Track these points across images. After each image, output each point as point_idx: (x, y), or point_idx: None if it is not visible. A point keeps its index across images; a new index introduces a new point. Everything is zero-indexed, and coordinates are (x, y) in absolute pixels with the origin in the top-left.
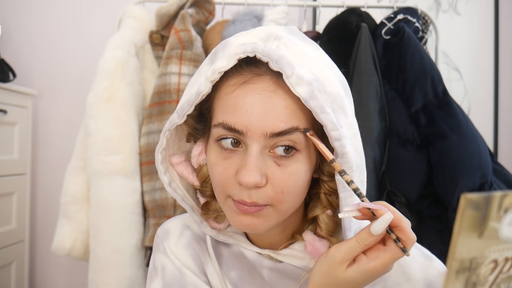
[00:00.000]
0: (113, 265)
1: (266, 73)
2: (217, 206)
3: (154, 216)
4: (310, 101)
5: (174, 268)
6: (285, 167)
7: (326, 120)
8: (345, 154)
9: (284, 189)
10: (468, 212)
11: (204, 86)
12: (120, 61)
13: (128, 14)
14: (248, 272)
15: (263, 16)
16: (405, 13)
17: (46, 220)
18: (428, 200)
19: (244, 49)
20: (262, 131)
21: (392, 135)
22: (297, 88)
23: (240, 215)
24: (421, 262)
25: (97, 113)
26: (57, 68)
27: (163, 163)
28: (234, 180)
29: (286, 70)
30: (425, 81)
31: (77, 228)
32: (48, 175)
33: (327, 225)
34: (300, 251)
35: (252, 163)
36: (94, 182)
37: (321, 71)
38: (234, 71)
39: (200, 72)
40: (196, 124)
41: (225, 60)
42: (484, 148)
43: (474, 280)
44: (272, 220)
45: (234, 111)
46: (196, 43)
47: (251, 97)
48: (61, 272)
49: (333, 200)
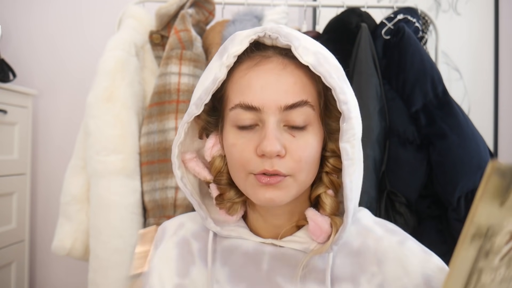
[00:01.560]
0: (113, 265)
1: (274, 55)
2: (231, 195)
3: (154, 216)
4: (318, 67)
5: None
6: (299, 138)
7: (335, 84)
8: (350, 119)
9: (302, 157)
10: (493, 179)
11: (220, 72)
12: (120, 61)
13: (128, 14)
14: (243, 265)
15: (263, 16)
16: (405, 13)
17: (46, 220)
18: (428, 200)
19: (255, 31)
20: (277, 105)
21: (392, 135)
22: (305, 57)
23: (263, 188)
24: (420, 257)
25: (97, 113)
26: (57, 68)
27: (179, 157)
28: (254, 155)
29: (293, 42)
30: (425, 81)
31: (77, 228)
32: (48, 175)
33: (330, 204)
34: (303, 237)
35: (272, 133)
36: (94, 182)
37: (321, 48)
38: (246, 56)
39: (210, 68)
40: (209, 117)
41: (238, 44)
42: (484, 148)
43: (488, 248)
44: (292, 191)
45: (249, 91)
46: (196, 43)
47: (262, 76)
48: (61, 272)
49: (334, 179)
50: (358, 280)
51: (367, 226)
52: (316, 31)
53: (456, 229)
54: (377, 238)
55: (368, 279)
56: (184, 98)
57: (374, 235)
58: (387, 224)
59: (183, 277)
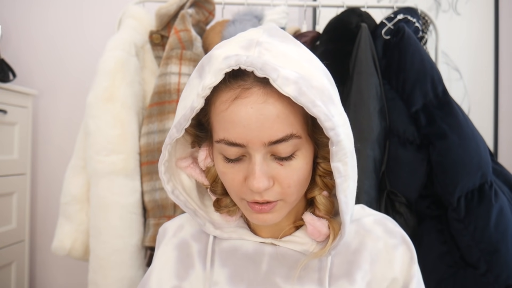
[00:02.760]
0: (113, 265)
1: (253, 85)
2: (227, 202)
3: (154, 216)
4: (300, 98)
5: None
6: (288, 165)
7: (319, 113)
8: (340, 142)
9: (291, 183)
10: None
11: (197, 102)
12: (120, 61)
13: (128, 14)
14: (243, 266)
15: (263, 16)
16: (405, 13)
17: (46, 220)
18: (428, 200)
19: (228, 63)
20: (261, 141)
21: (392, 135)
22: (285, 88)
23: (256, 213)
24: (404, 266)
25: (97, 113)
26: (57, 68)
27: (166, 173)
28: (244, 185)
29: (271, 74)
30: (425, 81)
31: (77, 228)
32: (48, 175)
33: (325, 205)
34: (302, 237)
35: (258, 170)
36: (94, 182)
37: (305, 68)
38: (224, 85)
39: (191, 86)
40: (197, 132)
41: (213, 76)
42: (484, 148)
43: None
44: (284, 211)
45: (233, 128)
46: (196, 43)
47: (244, 111)
48: (61, 272)
49: (328, 181)
50: (354, 277)
51: (366, 226)
52: (316, 31)
53: (456, 229)
54: (375, 239)
55: (362, 276)
56: None
57: (372, 235)
58: (387, 222)
59: (182, 279)
